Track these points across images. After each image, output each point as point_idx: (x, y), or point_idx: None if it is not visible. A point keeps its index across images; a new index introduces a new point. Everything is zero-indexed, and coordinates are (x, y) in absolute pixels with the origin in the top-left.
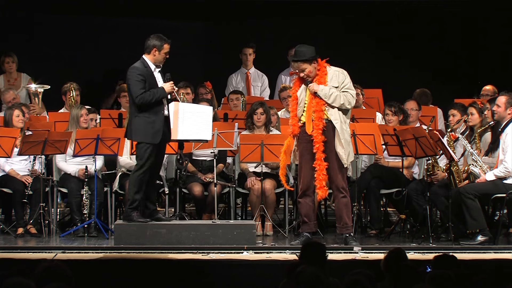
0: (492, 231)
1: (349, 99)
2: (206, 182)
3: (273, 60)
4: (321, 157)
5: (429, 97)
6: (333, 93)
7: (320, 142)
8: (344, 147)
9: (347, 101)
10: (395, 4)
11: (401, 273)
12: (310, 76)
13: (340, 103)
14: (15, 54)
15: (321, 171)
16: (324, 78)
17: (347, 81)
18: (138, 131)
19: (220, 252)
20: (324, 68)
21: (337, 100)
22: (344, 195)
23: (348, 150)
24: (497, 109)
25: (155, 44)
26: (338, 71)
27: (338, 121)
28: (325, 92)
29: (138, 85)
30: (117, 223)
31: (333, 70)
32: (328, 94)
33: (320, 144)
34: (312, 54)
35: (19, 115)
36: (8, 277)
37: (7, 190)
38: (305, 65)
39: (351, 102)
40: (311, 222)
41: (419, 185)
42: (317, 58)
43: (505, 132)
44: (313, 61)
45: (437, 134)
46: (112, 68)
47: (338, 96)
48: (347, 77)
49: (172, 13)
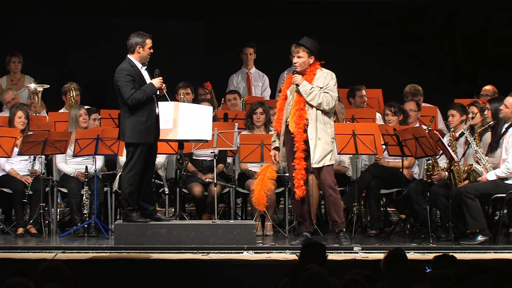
0: (492, 231)
1: (328, 100)
2: (206, 182)
3: (273, 60)
4: (300, 156)
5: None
6: (313, 91)
7: (300, 141)
8: (319, 147)
9: (325, 102)
10: (395, 4)
11: (401, 273)
12: (302, 66)
13: (318, 102)
14: (20, 54)
15: (299, 170)
16: (312, 77)
17: (331, 83)
18: (131, 131)
19: (220, 252)
20: (315, 69)
21: (315, 99)
22: (330, 194)
23: (327, 150)
24: (504, 109)
25: (138, 41)
26: (327, 73)
27: (313, 121)
28: (306, 88)
29: (128, 86)
30: (117, 223)
31: (322, 71)
32: (308, 91)
33: (300, 143)
34: (314, 49)
35: (21, 117)
36: (8, 277)
37: (7, 190)
38: (304, 54)
39: (329, 103)
40: (306, 221)
41: (419, 185)
42: (316, 58)
43: (509, 133)
44: (312, 55)
45: (437, 134)
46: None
47: (317, 96)
48: (332, 80)
49: (172, 13)
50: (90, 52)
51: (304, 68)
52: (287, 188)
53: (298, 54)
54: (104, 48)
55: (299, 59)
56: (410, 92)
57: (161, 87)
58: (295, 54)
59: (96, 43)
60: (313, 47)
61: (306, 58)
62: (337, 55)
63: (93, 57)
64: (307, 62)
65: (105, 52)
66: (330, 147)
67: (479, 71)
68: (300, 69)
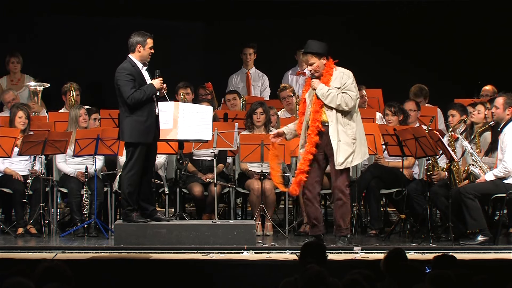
0: (492, 231)
1: (346, 100)
2: (206, 182)
3: (273, 60)
4: (308, 158)
5: (426, 92)
6: (331, 93)
7: (312, 143)
8: (341, 149)
9: (343, 102)
10: (395, 4)
11: (401, 273)
12: (317, 71)
13: (337, 103)
14: (20, 55)
15: (300, 172)
16: (328, 78)
17: (349, 82)
18: (130, 131)
19: (220, 252)
20: (331, 69)
21: (333, 101)
22: (339, 197)
23: (348, 151)
24: (495, 111)
25: (138, 40)
26: (343, 72)
27: (333, 123)
28: (323, 91)
29: (128, 85)
30: (117, 223)
31: (338, 71)
32: (326, 94)
33: (312, 146)
34: (323, 50)
35: (22, 117)
36: (8, 277)
37: (7, 190)
38: (314, 59)
39: (348, 103)
40: (320, 224)
41: (419, 185)
42: (328, 56)
43: (503, 132)
44: (322, 56)
45: (437, 134)
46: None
47: (335, 97)
48: (350, 78)
49: (172, 13)
50: (90, 52)
51: (320, 72)
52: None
53: (309, 62)
54: (104, 48)
55: (311, 65)
56: (413, 92)
57: (161, 88)
58: (306, 62)
59: (96, 43)
60: (320, 48)
61: (318, 62)
62: (337, 55)
63: (93, 57)
64: (321, 65)
65: (105, 52)
66: (351, 148)
67: (479, 71)
68: (317, 74)
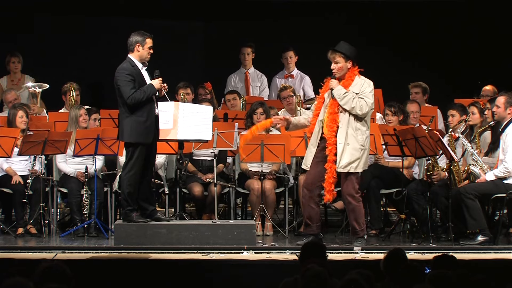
0: (492, 231)
1: (361, 105)
2: (206, 182)
3: (273, 60)
4: (333, 160)
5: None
6: (347, 95)
7: (333, 144)
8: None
9: (358, 106)
10: (395, 4)
11: (401, 273)
12: (339, 72)
13: (351, 106)
14: (20, 54)
15: (331, 174)
16: (349, 83)
17: (367, 90)
18: (130, 131)
19: (220, 252)
20: (354, 75)
21: (348, 103)
22: (349, 202)
23: (354, 156)
24: (496, 110)
25: (137, 39)
26: (365, 80)
27: (344, 126)
28: (340, 92)
29: (128, 85)
30: (117, 223)
31: (361, 79)
32: (342, 95)
33: (333, 146)
34: (351, 54)
35: (23, 116)
36: (8, 277)
37: (7, 190)
38: (341, 59)
39: (362, 108)
40: (313, 224)
41: (419, 185)
42: (354, 62)
43: (505, 132)
44: (349, 60)
45: (437, 134)
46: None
47: (351, 100)
48: (369, 87)
49: (172, 13)
50: (90, 52)
51: (342, 74)
52: (287, 188)
53: (335, 60)
54: (104, 48)
55: (336, 64)
56: (412, 85)
57: (161, 88)
58: (332, 60)
59: (96, 43)
60: (349, 52)
61: (343, 63)
62: None
63: (93, 57)
64: (345, 67)
65: (105, 52)
66: (358, 153)
67: (479, 71)
68: (338, 74)
